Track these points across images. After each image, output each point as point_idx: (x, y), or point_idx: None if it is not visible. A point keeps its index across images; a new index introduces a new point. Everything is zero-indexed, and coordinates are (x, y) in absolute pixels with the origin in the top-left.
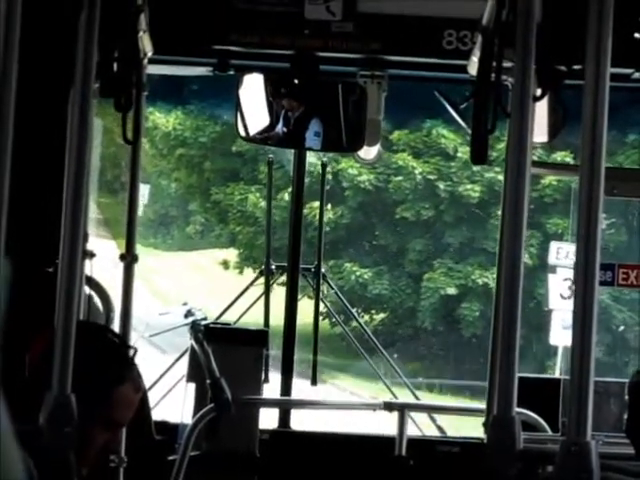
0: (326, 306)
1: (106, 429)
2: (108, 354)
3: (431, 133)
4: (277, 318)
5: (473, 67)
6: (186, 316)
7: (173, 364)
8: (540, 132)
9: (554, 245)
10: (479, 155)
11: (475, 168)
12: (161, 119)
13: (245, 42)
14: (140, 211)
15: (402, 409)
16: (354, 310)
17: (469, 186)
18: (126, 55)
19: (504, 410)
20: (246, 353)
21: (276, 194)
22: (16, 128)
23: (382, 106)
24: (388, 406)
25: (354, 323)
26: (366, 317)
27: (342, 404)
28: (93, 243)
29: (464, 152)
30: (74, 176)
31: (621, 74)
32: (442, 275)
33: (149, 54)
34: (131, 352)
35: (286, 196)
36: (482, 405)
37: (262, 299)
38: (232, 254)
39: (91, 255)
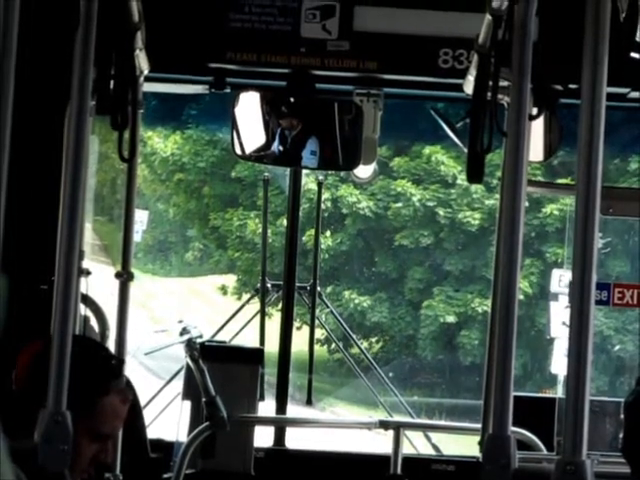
0: (324, 328)
1: (94, 440)
2: (92, 365)
3: (431, 160)
4: (274, 344)
5: (469, 86)
6: (182, 334)
7: (169, 381)
8: (536, 151)
9: (556, 273)
10: (475, 173)
11: (475, 195)
12: (159, 144)
13: (241, 60)
14: (139, 237)
15: (397, 428)
16: (354, 337)
17: (469, 213)
18: (122, 73)
19: (499, 429)
20: (242, 371)
21: (275, 220)
22: (12, 145)
23: (378, 124)
24: (383, 424)
25: (352, 349)
26: (365, 344)
27: (337, 422)
28: (93, 268)
29: (464, 179)
30: (70, 193)
31: (617, 93)
32: (441, 303)
33: (145, 72)
34: (117, 363)
35: (285, 222)
36: (477, 424)
37: (257, 317)
38: (231, 280)
39: (87, 273)
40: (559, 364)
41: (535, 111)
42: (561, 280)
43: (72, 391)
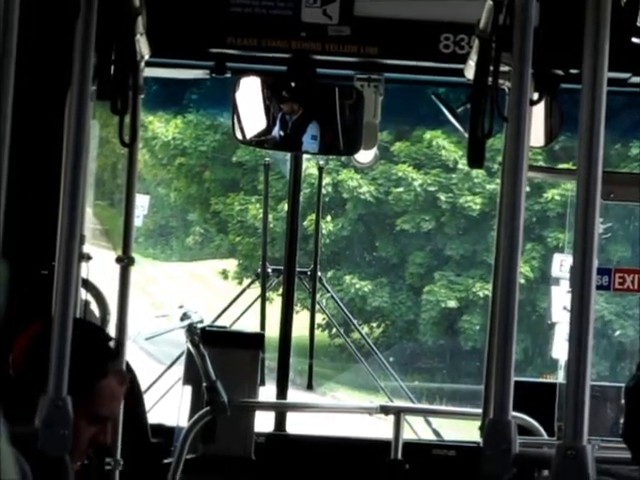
0: (325, 314)
1: (92, 423)
2: (90, 347)
3: (432, 144)
4: (275, 329)
5: (470, 71)
6: (182, 319)
7: (170, 366)
8: (537, 136)
9: (557, 257)
10: (476, 158)
11: (476, 180)
12: (160, 128)
13: (242, 45)
14: (140, 221)
15: (398, 413)
16: (355, 322)
17: (470, 198)
18: (123, 58)
19: (500, 414)
20: (242, 356)
21: (276, 204)
22: (13, 130)
23: (379, 109)
24: (384, 410)
25: (353, 334)
26: (366, 329)
27: (338, 407)
28: (94, 253)
29: (465, 164)
30: (71, 178)
31: (618, 78)
32: (443, 288)
33: (146, 57)
34: (114, 345)
35: (286, 207)
36: (478, 409)
37: (258, 302)
38: (232, 264)
39: (88, 258)
40: (560, 349)
41: (536, 96)
42: (562, 265)
43: (70, 374)
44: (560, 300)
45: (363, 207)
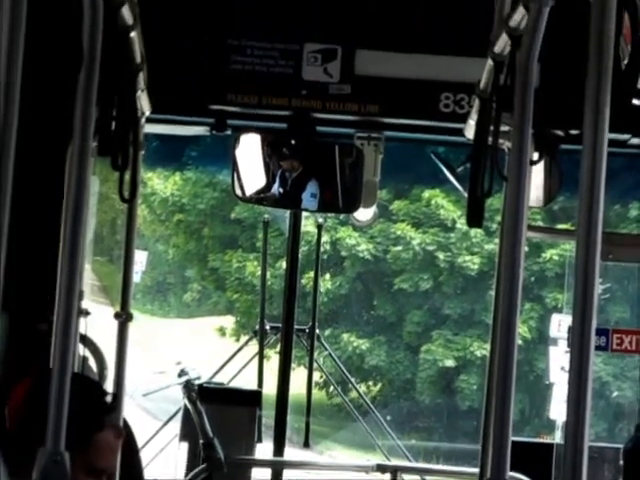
0: (323, 372)
1: (89, 476)
2: (86, 401)
3: (430, 203)
4: (272, 387)
5: (470, 130)
6: (180, 375)
7: (166, 422)
8: (536, 196)
9: (555, 317)
10: (475, 218)
11: (474, 239)
12: (159, 185)
13: (242, 102)
14: (138, 278)
15: (394, 471)
16: (352, 381)
17: (468, 257)
18: (124, 114)
19: (497, 474)
20: (239, 413)
21: (274, 262)
22: (14, 185)
23: (379, 168)
24: (381, 468)
25: (351, 392)
26: (363, 387)
27: (334, 465)
28: (92, 308)
29: (463, 223)
30: (71, 233)
31: (618, 140)
32: (440, 347)
33: (147, 113)
34: (110, 398)
35: (284, 264)
36: (475, 469)
37: (256, 359)
38: (229, 321)
39: (86, 313)
40: (558, 409)
41: (536, 156)
42: (560, 325)
43: (67, 427)
44: (558, 360)
45: (361, 265)
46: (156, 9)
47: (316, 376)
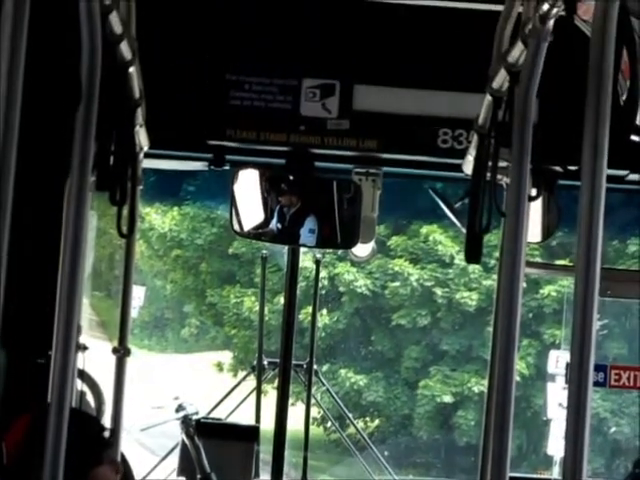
0: (321, 407)
1: None
2: (84, 436)
3: (428, 239)
4: (270, 422)
5: (468, 166)
6: (177, 410)
7: (164, 458)
8: (534, 232)
9: (553, 354)
10: (474, 254)
11: (472, 275)
12: (157, 220)
13: (241, 138)
14: (135, 313)
15: None
16: (350, 416)
17: (466, 293)
18: (122, 149)
19: None
20: (237, 448)
21: (272, 297)
22: (13, 219)
23: (377, 203)
24: None
25: (348, 429)
26: (361, 423)
27: None
28: (90, 343)
29: (461, 259)
30: (69, 268)
31: (616, 176)
32: (438, 382)
33: (145, 148)
34: (109, 434)
35: (282, 299)
36: None
37: (253, 395)
38: (227, 357)
39: (84, 348)
40: (555, 445)
41: (534, 192)
42: (558, 361)
43: (66, 462)
44: (556, 397)
45: (359, 301)
46: (155, 44)
47: (314, 411)
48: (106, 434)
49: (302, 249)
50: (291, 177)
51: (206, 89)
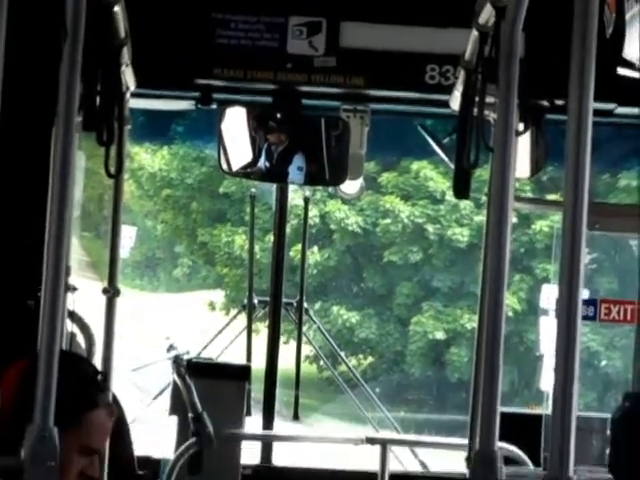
0: (312, 345)
1: (81, 455)
2: (79, 379)
3: (419, 176)
4: (262, 361)
5: (456, 102)
6: (168, 350)
7: (156, 397)
8: (522, 167)
9: (546, 288)
10: (462, 189)
11: (464, 211)
12: (147, 160)
13: (228, 76)
14: (126, 253)
15: (384, 444)
16: (342, 354)
17: (458, 229)
18: (109, 89)
19: (486, 445)
20: (228, 387)
21: (263, 236)
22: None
23: (365, 140)
24: (370, 440)
25: (341, 366)
26: (353, 360)
27: (324, 438)
28: (80, 284)
29: (453, 195)
30: (57, 209)
31: (604, 109)
32: (430, 319)
33: (132, 88)
34: (102, 377)
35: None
36: (464, 440)
37: (245, 333)
38: (219, 295)
39: (73, 289)
40: (548, 380)
41: (521, 127)
42: (550, 296)
43: (59, 406)
44: (549, 331)
45: (350, 238)
46: None
47: (307, 350)
48: (100, 377)
49: (291, 187)
50: (279, 115)
51: (192, 28)
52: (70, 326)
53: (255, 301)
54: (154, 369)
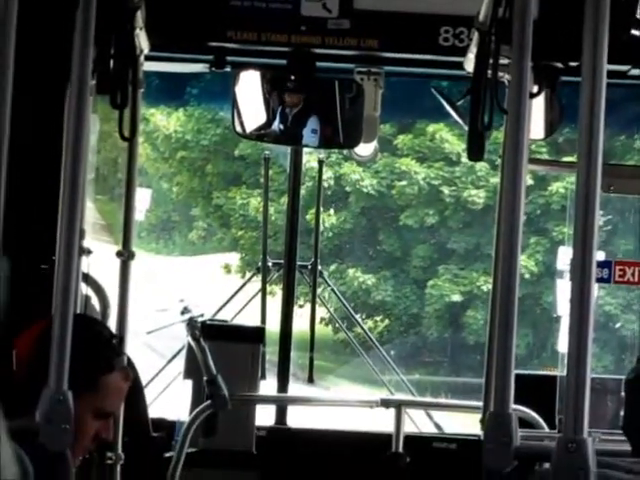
0: (326, 308)
1: (96, 418)
2: (95, 343)
3: (435, 138)
4: (277, 323)
5: (470, 64)
6: (183, 313)
7: (170, 360)
8: (537, 129)
9: (562, 250)
10: (476, 151)
11: (480, 173)
12: (162, 121)
13: (242, 39)
14: (142, 216)
15: (399, 406)
16: (357, 316)
17: (474, 191)
18: (122, 52)
19: (501, 407)
20: (243, 350)
21: (278, 198)
22: (13, 125)
23: (379, 103)
24: (385, 403)
25: (356, 328)
26: (369, 323)
27: (339, 401)
28: (95, 247)
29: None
30: (71, 172)
31: (618, 71)
32: (446, 281)
33: (145, 51)
34: (118, 341)
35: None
36: (479, 402)
37: (259, 296)
38: (234, 258)
39: (88, 252)
40: (565, 342)
41: (536, 89)
42: (567, 258)
43: (76, 369)
44: (565, 293)
45: (366, 200)
46: None
47: (323, 312)
48: (115, 340)
49: (305, 149)
50: (293, 77)
51: None
52: (85, 289)
53: (269, 264)
54: (169, 331)
